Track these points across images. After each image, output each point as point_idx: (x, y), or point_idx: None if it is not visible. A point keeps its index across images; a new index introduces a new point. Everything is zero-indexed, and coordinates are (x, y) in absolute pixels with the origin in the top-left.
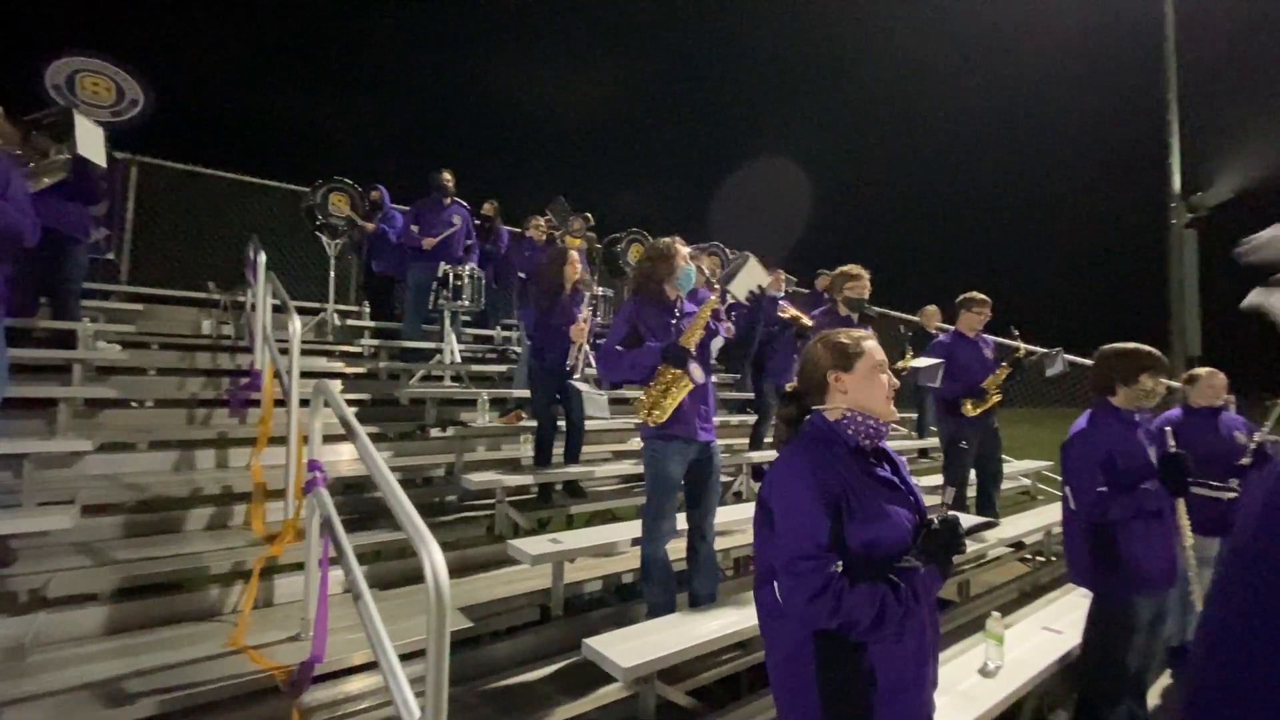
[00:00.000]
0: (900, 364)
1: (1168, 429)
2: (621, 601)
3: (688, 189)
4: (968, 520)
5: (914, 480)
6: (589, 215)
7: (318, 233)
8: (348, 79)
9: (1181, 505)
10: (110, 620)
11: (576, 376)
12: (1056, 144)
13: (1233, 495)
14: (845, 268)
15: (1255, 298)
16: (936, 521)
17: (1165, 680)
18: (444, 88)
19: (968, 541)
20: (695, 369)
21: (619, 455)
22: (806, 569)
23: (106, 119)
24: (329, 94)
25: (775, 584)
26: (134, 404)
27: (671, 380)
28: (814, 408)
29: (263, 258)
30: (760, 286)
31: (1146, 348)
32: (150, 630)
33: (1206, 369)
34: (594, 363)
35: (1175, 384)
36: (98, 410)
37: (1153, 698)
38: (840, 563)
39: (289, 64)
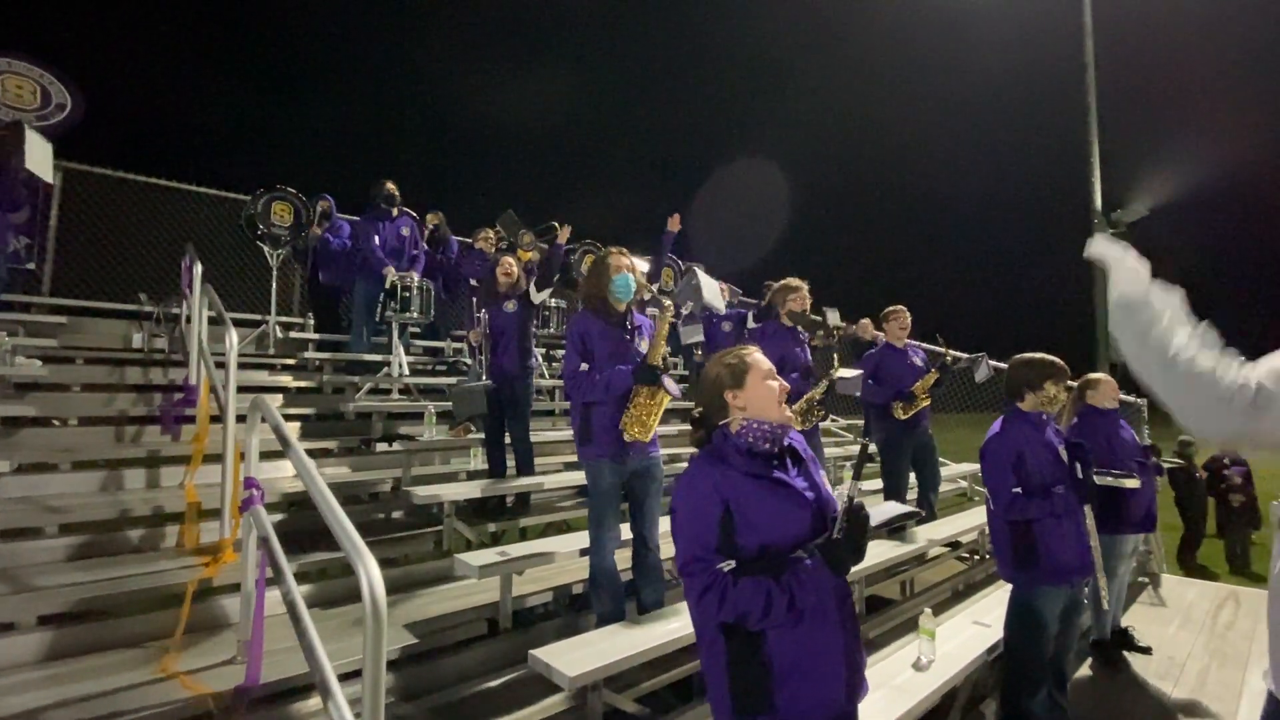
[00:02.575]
0: (831, 372)
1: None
2: (573, 613)
3: (641, 200)
4: (887, 512)
5: (822, 477)
6: (556, 224)
7: (259, 243)
8: (287, 80)
9: (1088, 509)
10: (32, 650)
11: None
12: (988, 167)
13: (1134, 484)
14: (785, 281)
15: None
16: (838, 522)
17: (1085, 671)
18: (389, 92)
19: (895, 538)
20: (669, 382)
21: (570, 466)
22: (695, 569)
23: (31, 125)
24: (266, 97)
25: None
26: (55, 422)
27: (648, 397)
28: (719, 424)
29: (199, 268)
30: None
31: (1051, 357)
32: (76, 659)
33: (1101, 374)
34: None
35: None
36: (15, 429)
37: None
38: (731, 562)
39: (225, 66)
